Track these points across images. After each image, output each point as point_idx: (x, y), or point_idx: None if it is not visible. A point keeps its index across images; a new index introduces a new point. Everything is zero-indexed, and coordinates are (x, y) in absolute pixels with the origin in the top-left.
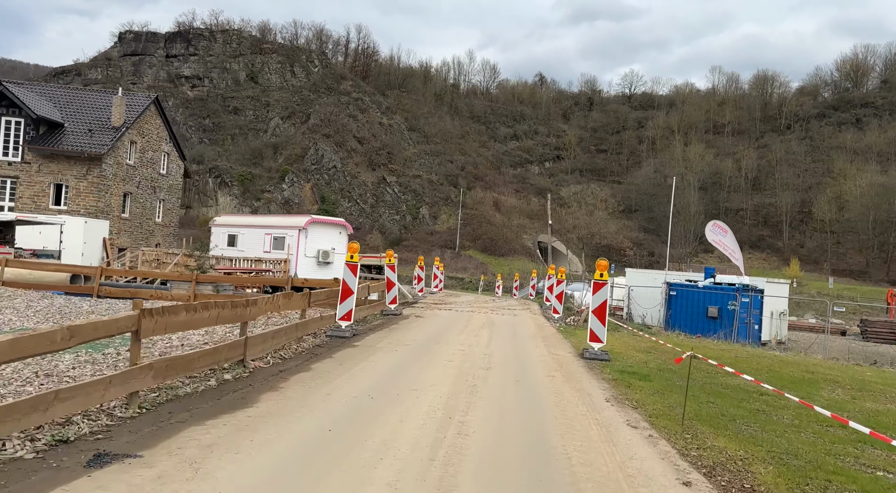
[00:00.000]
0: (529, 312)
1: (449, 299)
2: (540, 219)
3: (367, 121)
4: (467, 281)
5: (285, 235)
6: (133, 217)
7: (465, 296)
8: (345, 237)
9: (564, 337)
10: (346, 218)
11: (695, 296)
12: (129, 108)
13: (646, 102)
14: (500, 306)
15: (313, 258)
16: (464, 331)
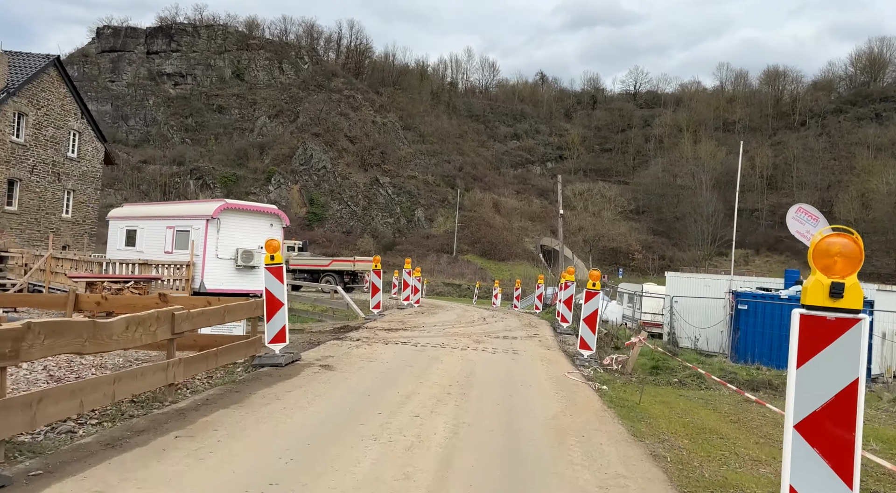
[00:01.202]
0: (538, 341)
1: (418, 319)
2: (542, 221)
3: (360, 119)
4: (464, 288)
5: (190, 229)
6: (25, 211)
7: (448, 311)
8: (279, 231)
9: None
10: (336, 221)
11: (775, 312)
12: (14, 69)
13: (651, 99)
14: (494, 331)
15: (229, 260)
16: (391, 419)
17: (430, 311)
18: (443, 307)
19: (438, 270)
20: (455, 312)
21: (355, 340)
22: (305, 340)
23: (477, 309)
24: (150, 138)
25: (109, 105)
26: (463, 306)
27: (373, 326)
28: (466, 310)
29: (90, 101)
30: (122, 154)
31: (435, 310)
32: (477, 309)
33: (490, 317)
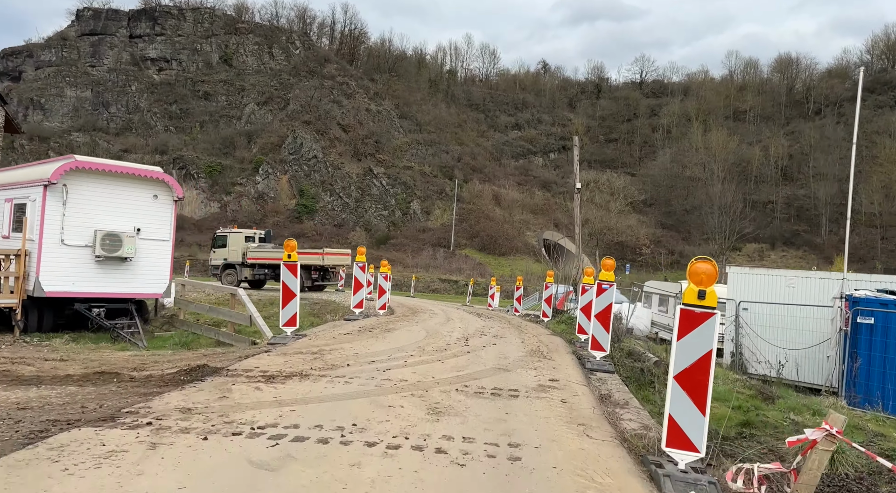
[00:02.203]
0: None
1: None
2: (545, 214)
3: (353, 107)
4: (461, 284)
5: (26, 200)
6: None
7: (422, 321)
8: (167, 206)
9: None
10: (327, 214)
11: None
12: None
13: (658, 89)
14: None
15: (83, 249)
16: None
17: (396, 321)
18: (421, 312)
19: (434, 265)
20: (432, 322)
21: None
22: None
23: (466, 315)
24: (133, 126)
25: (89, 91)
26: (450, 310)
27: (260, 364)
28: (450, 318)
29: (69, 86)
30: (103, 143)
31: (404, 319)
32: (466, 315)
33: (478, 333)
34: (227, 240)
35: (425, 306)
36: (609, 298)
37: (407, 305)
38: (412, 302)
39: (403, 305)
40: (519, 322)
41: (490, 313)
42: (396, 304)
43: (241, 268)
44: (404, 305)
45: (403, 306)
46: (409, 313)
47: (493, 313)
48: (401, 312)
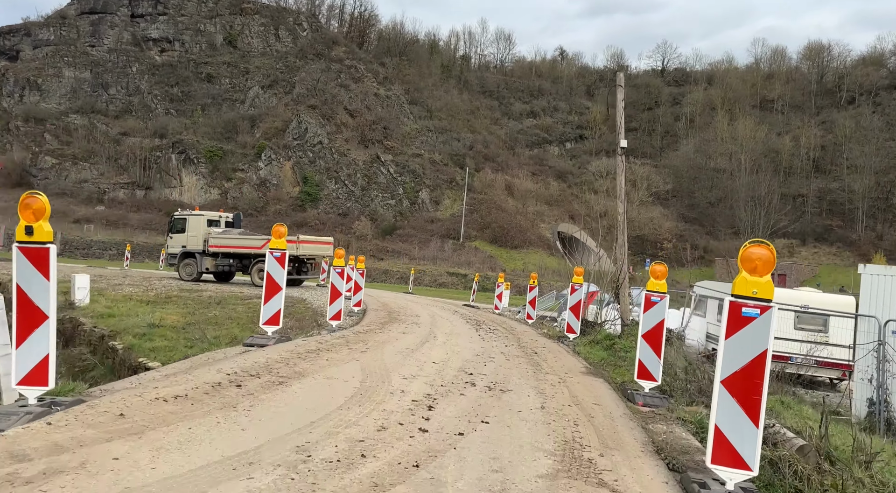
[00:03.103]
0: None
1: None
2: (560, 205)
3: (361, 91)
4: (469, 279)
5: None
6: None
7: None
8: None
9: None
10: (331, 202)
11: None
12: None
13: (681, 77)
14: None
15: None
16: None
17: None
18: (398, 321)
19: (442, 257)
20: (399, 344)
21: None
22: None
23: (459, 326)
24: (132, 109)
25: (88, 72)
26: (442, 316)
27: None
28: (432, 335)
29: (67, 67)
30: (101, 126)
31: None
32: (459, 326)
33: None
34: (187, 224)
35: (413, 308)
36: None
37: (392, 306)
38: (402, 302)
39: (388, 306)
40: (533, 342)
41: (495, 319)
42: (380, 305)
43: (201, 257)
44: (389, 306)
45: (387, 307)
46: (380, 322)
47: (498, 321)
48: (374, 319)
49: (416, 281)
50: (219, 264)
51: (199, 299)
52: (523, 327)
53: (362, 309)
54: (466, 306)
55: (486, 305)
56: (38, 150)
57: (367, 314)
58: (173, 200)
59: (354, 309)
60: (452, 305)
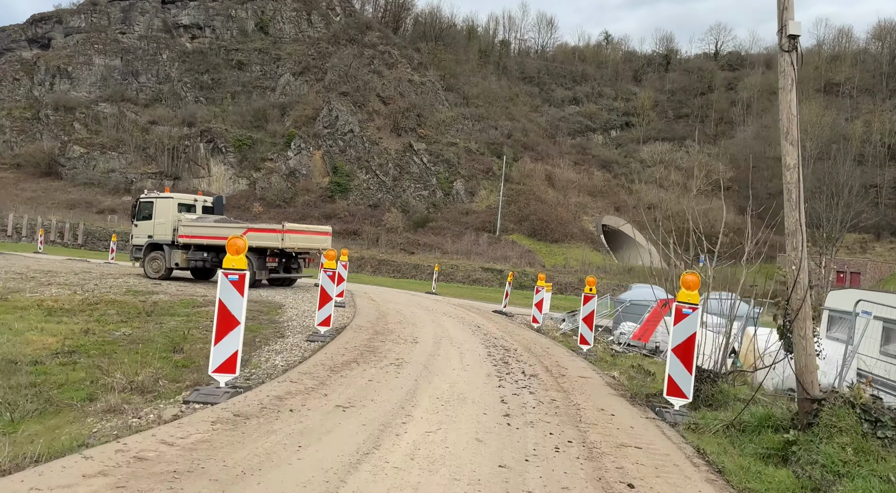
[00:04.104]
0: None
1: None
2: (605, 197)
3: (395, 78)
4: (506, 275)
5: None
6: None
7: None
8: None
9: None
10: (362, 193)
11: None
12: None
13: (735, 61)
14: None
15: None
16: None
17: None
18: (381, 355)
19: (477, 251)
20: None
21: None
22: None
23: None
24: (162, 97)
25: (119, 59)
26: (454, 341)
27: None
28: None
29: (97, 54)
30: (130, 114)
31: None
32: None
33: None
34: (154, 209)
35: (421, 320)
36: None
37: (390, 317)
38: (413, 309)
39: (385, 318)
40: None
41: (532, 342)
42: (377, 315)
43: (170, 250)
44: (387, 318)
45: (384, 320)
46: (347, 358)
47: (538, 346)
48: (345, 345)
49: (448, 277)
50: (191, 259)
51: (137, 307)
52: (577, 361)
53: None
54: (497, 314)
55: (522, 310)
56: (67, 139)
57: (343, 334)
58: (203, 191)
59: (337, 299)
60: (479, 312)
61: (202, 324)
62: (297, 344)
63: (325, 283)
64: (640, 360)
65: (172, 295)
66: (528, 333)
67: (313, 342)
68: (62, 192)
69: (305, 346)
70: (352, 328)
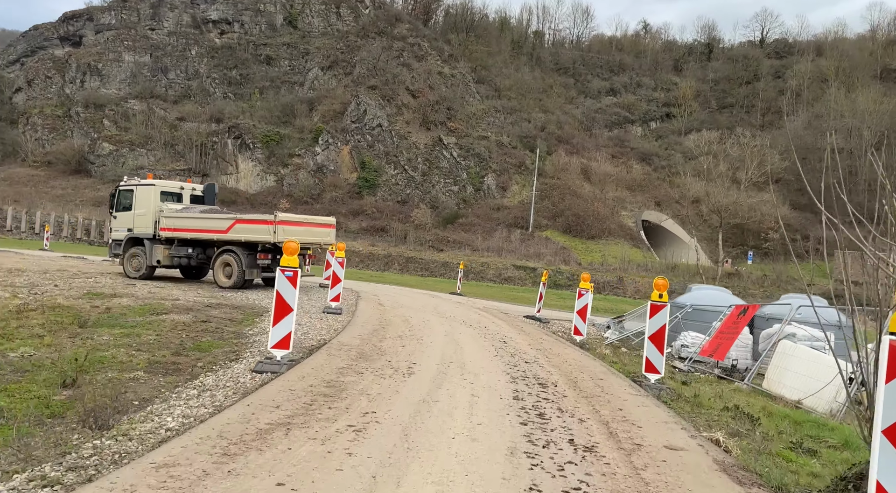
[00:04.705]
0: None
1: None
2: (645, 191)
3: (424, 70)
4: (539, 273)
5: None
6: None
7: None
8: None
9: None
10: (390, 188)
11: None
12: None
13: (783, 48)
14: None
15: None
16: None
17: None
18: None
19: (509, 249)
20: None
21: None
22: None
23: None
24: (191, 93)
25: (148, 56)
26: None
27: None
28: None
29: (127, 51)
30: (159, 111)
31: None
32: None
33: None
34: (134, 198)
35: (432, 332)
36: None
37: (396, 327)
38: (426, 316)
39: (387, 328)
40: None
41: (576, 367)
42: (378, 325)
43: (152, 245)
44: (404, 324)
45: (392, 327)
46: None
47: (589, 372)
48: (321, 376)
49: (479, 275)
50: (173, 255)
51: (78, 315)
52: (651, 407)
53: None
54: (530, 320)
55: (557, 314)
56: (97, 136)
57: (310, 359)
58: (230, 188)
59: (332, 305)
60: (507, 319)
61: (144, 341)
62: (237, 378)
63: (283, 288)
64: (728, 393)
65: (139, 299)
66: (569, 350)
67: (259, 375)
68: (91, 189)
69: (242, 383)
70: (329, 349)
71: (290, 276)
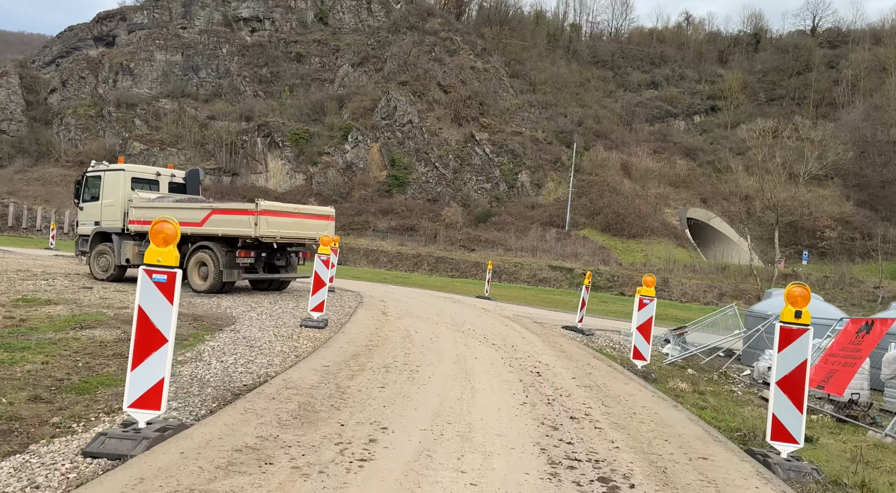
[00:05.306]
0: None
1: None
2: (689, 187)
3: (457, 65)
4: (577, 274)
5: None
6: None
7: None
8: None
9: None
10: (420, 187)
11: None
12: None
13: (836, 37)
14: None
15: None
16: None
17: None
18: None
19: (544, 248)
20: None
21: None
22: None
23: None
24: (222, 92)
25: (180, 55)
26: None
27: None
28: None
29: (159, 50)
30: (190, 109)
31: None
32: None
33: None
34: (102, 185)
35: (439, 354)
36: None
37: (398, 347)
38: (438, 330)
39: (396, 345)
40: None
41: (655, 421)
42: (368, 341)
43: (121, 241)
44: (404, 344)
45: (384, 348)
46: None
47: (673, 436)
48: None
49: (512, 276)
50: (144, 253)
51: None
52: None
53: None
54: (569, 331)
55: (599, 321)
56: (128, 135)
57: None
58: (259, 187)
59: (314, 316)
60: (542, 332)
61: (15, 372)
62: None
63: (147, 303)
64: (869, 451)
65: (80, 306)
66: (633, 389)
67: (93, 460)
68: None
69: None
70: (258, 397)
71: (161, 282)
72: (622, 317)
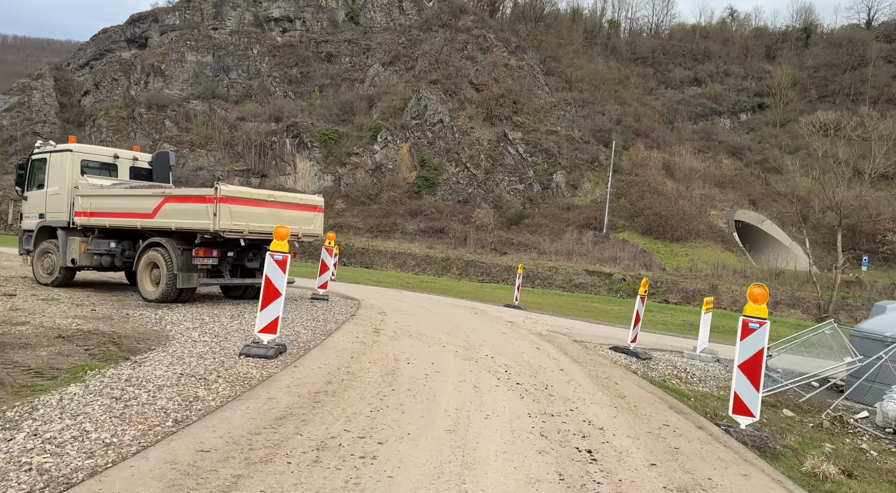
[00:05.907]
0: None
1: None
2: (737, 188)
3: (489, 62)
4: (615, 280)
5: None
6: None
7: None
8: None
9: None
10: (450, 187)
11: None
12: None
13: (894, 31)
14: None
15: None
16: None
17: None
18: None
19: (580, 252)
20: None
21: None
22: None
23: None
24: (252, 92)
25: (211, 56)
26: None
27: None
28: None
29: (190, 51)
30: (220, 111)
31: None
32: None
33: None
34: (47, 170)
35: (444, 382)
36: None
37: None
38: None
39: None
40: None
41: None
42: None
43: (67, 237)
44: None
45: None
46: None
47: None
48: None
49: (546, 281)
50: (93, 251)
51: None
52: None
53: None
54: (620, 354)
55: (653, 339)
56: (159, 137)
57: None
58: (288, 188)
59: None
60: (583, 356)
61: None
62: None
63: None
64: None
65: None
66: (755, 483)
67: None
68: None
69: None
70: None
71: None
72: (673, 330)
